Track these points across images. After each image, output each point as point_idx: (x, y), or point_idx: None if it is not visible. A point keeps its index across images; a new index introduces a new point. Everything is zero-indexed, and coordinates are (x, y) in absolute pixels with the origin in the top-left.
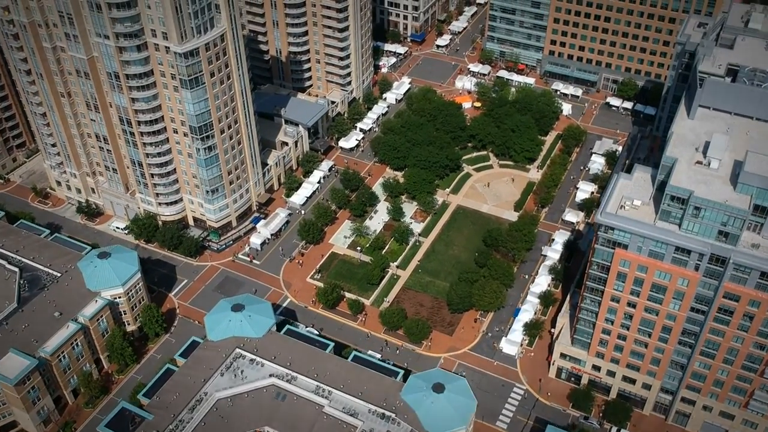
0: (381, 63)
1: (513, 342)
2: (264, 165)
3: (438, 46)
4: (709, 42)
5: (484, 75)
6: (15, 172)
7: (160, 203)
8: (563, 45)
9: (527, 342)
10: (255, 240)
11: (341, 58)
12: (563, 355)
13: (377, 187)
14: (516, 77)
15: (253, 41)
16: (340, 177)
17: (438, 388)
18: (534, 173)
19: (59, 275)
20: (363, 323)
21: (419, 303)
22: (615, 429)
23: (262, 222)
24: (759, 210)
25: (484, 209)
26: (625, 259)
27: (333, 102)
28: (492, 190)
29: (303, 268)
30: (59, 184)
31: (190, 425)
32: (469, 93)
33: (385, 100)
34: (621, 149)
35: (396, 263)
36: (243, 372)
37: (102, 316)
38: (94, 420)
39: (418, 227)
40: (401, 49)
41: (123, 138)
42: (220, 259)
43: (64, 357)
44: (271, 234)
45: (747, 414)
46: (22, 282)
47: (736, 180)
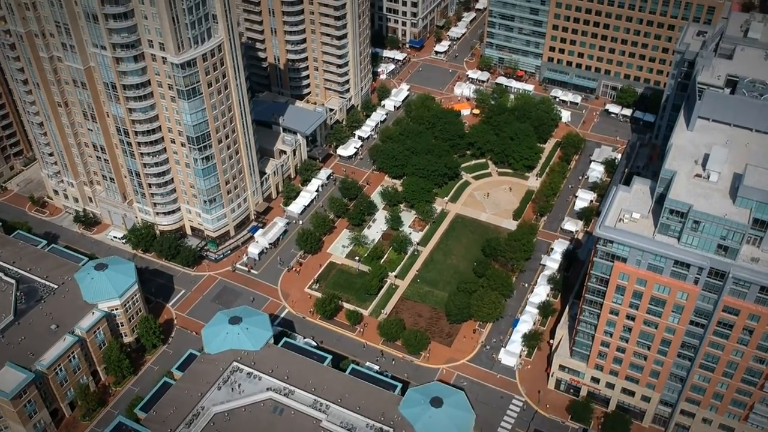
0: (379, 70)
1: (512, 353)
2: (262, 174)
3: (437, 52)
4: (708, 52)
5: (482, 82)
6: (12, 180)
7: (157, 213)
8: (562, 51)
9: (526, 353)
10: (253, 250)
11: (339, 65)
12: (562, 367)
13: (375, 196)
14: (515, 84)
15: (251, 48)
16: (338, 186)
17: (436, 402)
18: (533, 181)
19: (56, 287)
20: (361, 334)
21: (418, 313)
22: None
23: (260, 231)
24: (758, 224)
25: (482, 218)
26: (624, 273)
27: (331, 109)
28: (491, 198)
29: (301, 278)
30: (56, 193)
31: None
32: (468, 100)
33: (384, 107)
34: (620, 157)
35: (394, 273)
36: (240, 386)
37: (99, 328)
38: None
39: (416, 236)
40: (400, 56)
41: (120, 148)
42: (217, 269)
43: (60, 370)
44: (269, 243)
45: (747, 427)
46: (18, 294)
47: (735, 193)
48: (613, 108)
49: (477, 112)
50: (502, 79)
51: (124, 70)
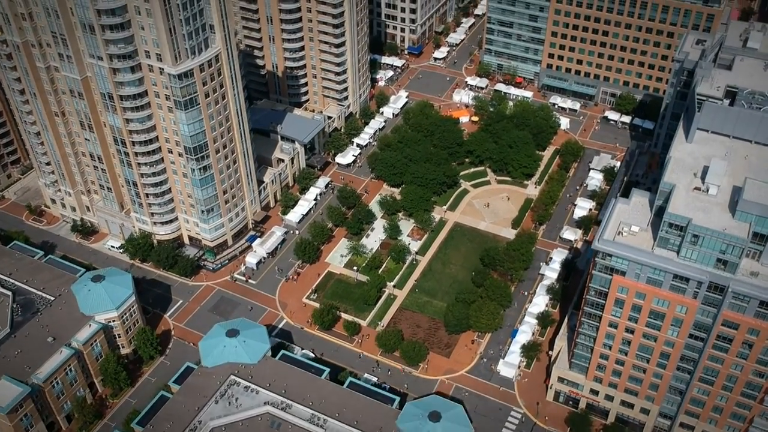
0: (378, 76)
1: (510, 364)
2: (260, 183)
3: (435, 58)
4: (708, 63)
5: (481, 88)
6: (9, 189)
7: (155, 222)
8: (561, 58)
9: (525, 364)
10: (251, 259)
11: (338, 73)
12: (561, 379)
13: (374, 205)
14: (514, 90)
15: (250, 56)
16: (336, 194)
17: (434, 416)
18: (532, 189)
19: (53, 299)
20: (359, 345)
21: (416, 324)
22: None
23: (258, 241)
24: (758, 237)
25: (481, 226)
26: (623, 286)
27: (330, 117)
28: (490, 207)
29: (299, 288)
30: (54, 202)
31: None
32: (467, 107)
33: (382, 114)
34: (619, 165)
35: (393, 283)
36: (237, 400)
37: (96, 340)
38: None
39: (415, 245)
40: (398, 62)
41: (117, 158)
42: (215, 279)
43: (57, 383)
44: (267, 253)
45: None
46: (15, 306)
47: (734, 207)
48: (612, 115)
49: (476, 119)
50: (500, 86)
51: (120, 80)
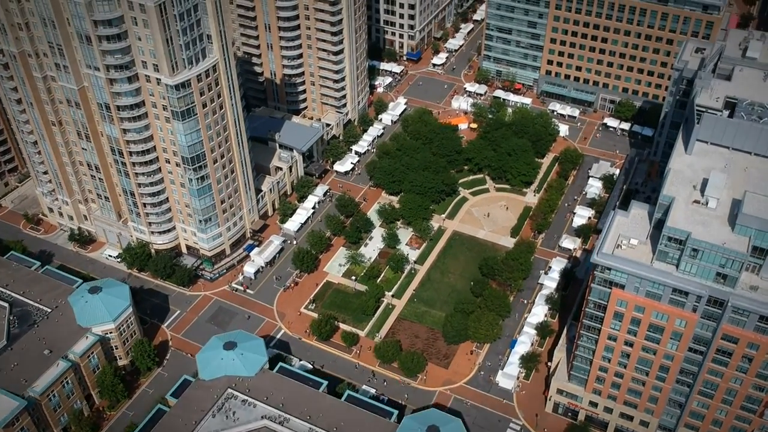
0: (377, 83)
1: (509, 376)
2: (258, 191)
3: (434, 64)
4: (707, 73)
5: (480, 95)
6: (7, 197)
7: (152, 232)
8: (560, 65)
9: (524, 375)
10: (249, 269)
11: (336, 80)
12: (560, 391)
13: (372, 213)
14: (512, 97)
15: (248, 63)
16: (335, 203)
17: (432, 430)
18: (530, 197)
19: (49, 311)
20: (357, 356)
21: (414, 334)
22: None
23: (256, 250)
24: (757, 251)
25: (480, 235)
26: (622, 299)
27: (328, 125)
28: (489, 216)
29: (297, 298)
30: (51, 210)
31: None
32: (466, 114)
33: (381, 121)
34: (618, 173)
35: (391, 292)
36: (235, 413)
37: (93, 352)
38: None
39: (413, 254)
40: (397, 68)
41: (115, 167)
42: (213, 289)
43: (54, 396)
44: (265, 262)
45: None
46: (11, 318)
47: (734, 221)
48: (612, 122)
49: (474, 126)
50: (499, 92)
51: (118, 91)
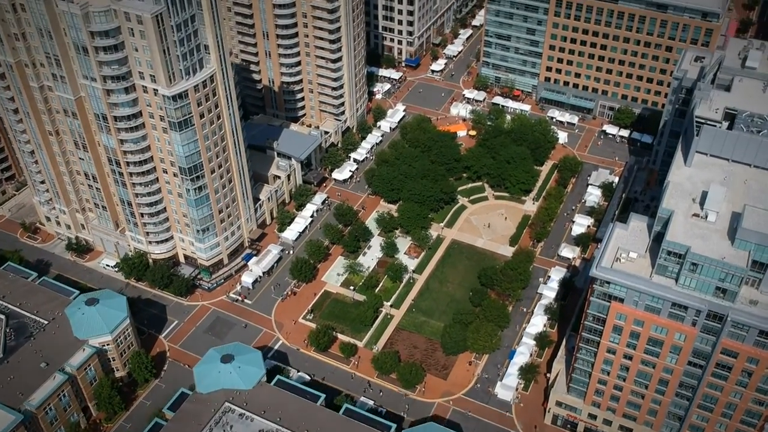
0: (375, 89)
1: (508, 387)
2: (256, 200)
3: (433, 71)
4: (706, 84)
5: (479, 101)
6: (4, 205)
7: (150, 242)
8: (559, 72)
9: (522, 386)
10: (247, 279)
11: (334, 88)
12: (559, 403)
13: (371, 222)
14: (511, 104)
15: (246, 70)
16: (333, 211)
17: None
18: (529, 205)
19: (46, 323)
20: (356, 367)
21: (413, 345)
22: None
23: (253, 259)
24: (757, 266)
25: (479, 243)
26: (621, 313)
27: (326, 132)
28: (486, 222)
29: (295, 308)
30: (48, 219)
31: None
32: (464, 120)
33: (380, 128)
34: (617, 180)
35: (390, 302)
36: (232, 427)
37: (90, 364)
38: None
39: (412, 263)
40: (396, 75)
41: (112, 177)
42: (211, 299)
43: (50, 409)
44: (263, 272)
45: None
46: (8, 330)
47: (733, 234)
48: (611, 129)
49: (473, 133)
50: (498, 99)
51: (114, 101)
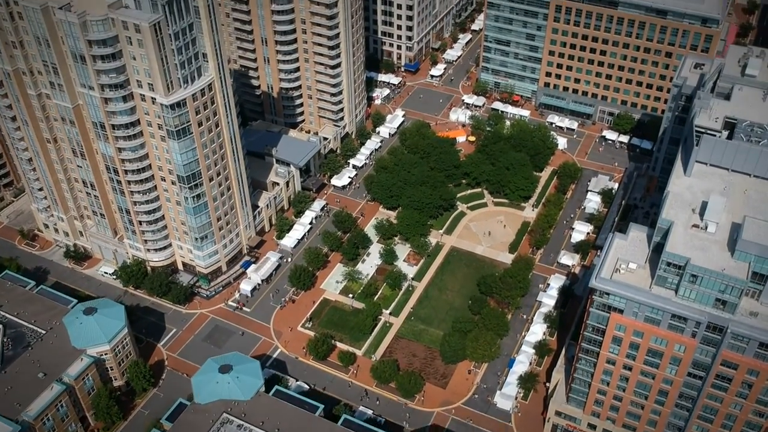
0: (374, 94)
1: (507, 396)
2: (255, 207)
3: (432, 76)
4: (706, 93)
5: (478, 107)
6: (2, 212)
7: (148, 249)
8: (558, 77)
9: (522, 395)
10: (245, 286)
11: (333, 94)
12: (558, 413)
13: (369, 229)
14: (511, 109)
15: (244, 77)
16: (332, 218)
17: None
18: (529, 211)
19: (44, 332)
20: (354, 375)
21: (412, 353)
22: None
23: (252, 267)
24: (757, 277)
25: (478, 251)
26: (621, 324)
27: (325, 138)
28: (486, 230)
29: (294, 316)
30: (47, 226)
31: None
32: (464, 126)
33: (379, 134)
34: (617, 187)
35: (389, 310)
36: None
37: (88, 374)
38: None
39: (411, 270)
40: (395, 80)
41: (110, 185)
42: (209, 307)
43: (48, 419)
44: (262, 279)
45: None
46: (5, 340)
47: (733, 246)
48: (610, 134)
49: (473, 139)
50: (498, 104)
51: (112, 110)
